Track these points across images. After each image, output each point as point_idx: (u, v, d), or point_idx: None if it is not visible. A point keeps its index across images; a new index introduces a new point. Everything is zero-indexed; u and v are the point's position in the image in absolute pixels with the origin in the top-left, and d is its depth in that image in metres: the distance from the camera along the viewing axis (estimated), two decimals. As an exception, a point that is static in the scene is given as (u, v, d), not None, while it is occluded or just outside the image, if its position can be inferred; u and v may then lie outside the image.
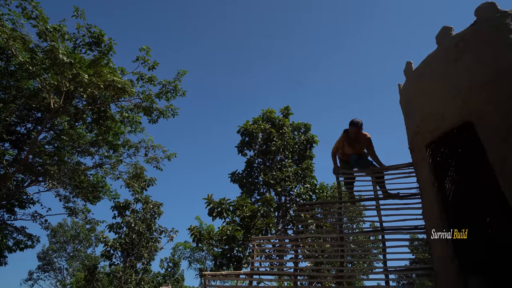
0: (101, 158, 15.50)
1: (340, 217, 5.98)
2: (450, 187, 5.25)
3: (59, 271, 33.13)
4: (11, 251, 14.80)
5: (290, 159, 17.17)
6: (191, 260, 31.17)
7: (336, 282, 5.61)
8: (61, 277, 32.94)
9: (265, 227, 13.39)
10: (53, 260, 32.90)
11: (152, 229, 21.41)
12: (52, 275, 32.72)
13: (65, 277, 32.62)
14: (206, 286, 6.40)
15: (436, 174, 4.35)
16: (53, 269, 32.76)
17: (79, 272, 29.30)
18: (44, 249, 32.63)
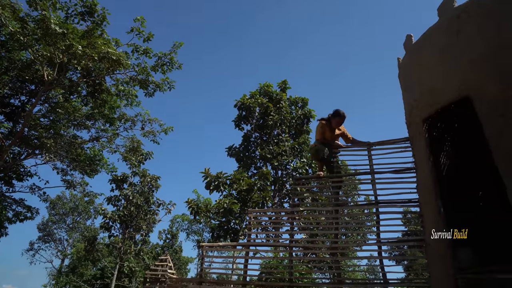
0: (97, 132, 15.46)
1: (336, 190, 6.06)
2: (445, 162, 5.31)
3: (59, 242, 33.81)
4: (11, 222, 15.04)
5: (287, 133, 17.19)
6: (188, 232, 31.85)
7: (330, 253, 5.76)
8: (62, 247, 33.67)
9: (261, 201, 13.60)
10: (53, 232, 33.50)
11: (150, 202, 21.72)
12: (53, 245, 33.42)
13: (66, 248, 33.36)
14: (203, 257, 6.57)
15: (431, 149, 4.38)
16: (53, 240, 33.42)
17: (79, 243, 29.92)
18: (44, 220, 33.14)
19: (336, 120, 6.30)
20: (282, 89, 18.21)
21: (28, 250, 32.27)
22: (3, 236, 15.14)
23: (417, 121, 4.64)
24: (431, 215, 4.23)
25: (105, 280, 24.12)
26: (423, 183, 4.51)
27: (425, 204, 4.53)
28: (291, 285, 5.69)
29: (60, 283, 24.99)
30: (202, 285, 6.18)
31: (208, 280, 6.42)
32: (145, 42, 12.68)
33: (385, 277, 5.25)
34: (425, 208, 4.52)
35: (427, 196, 4.34)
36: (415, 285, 5.23)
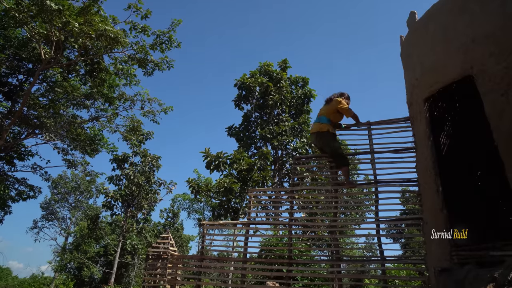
0: (97, 111, 15.38)
1: (335, 170, 6.09)
2: (445, 141, 5.32)
3: (62, 220, 34.38)
4: (14, 201, 15.23)
5: (287, 113, 17.12)
6: (189, 211, 32.31)
7: (329, 231, 5.86)
8: (65, 225, 34.27)
9: (261, 180, 13.71)
10: (56, 210, 34.00)
11: (151, 181, 21.92)
12: (56, 223, 34.01)
13: (69, 226, 33.95)
14: (204, 235, 6.70)
15: (432, 129, 4.37)
16: (56, 218, 33.97)
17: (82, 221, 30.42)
18: (47, 199, 33.57)
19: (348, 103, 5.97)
20: (283, 68, 18.00)
21: (32, 228, 32.89)
22: (7, 214, 15.40)
23: (418, 100, 4.61)
24: (429, 194, 4.27)
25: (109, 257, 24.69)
26: (422, 162, 4.54)
27: (423, 184, 4.57)
28: (291, 262, 5.83)
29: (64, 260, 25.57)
30: (203, 261, 6.34)
31: (209, 257, 6.58)
32: (143, 20, 12.41)
33: (382, 254, 5.37)
34: (424, 187, 4.56)
35: (426, 175, 4.37)
36: (412, 262, 5.35)
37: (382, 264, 5.33)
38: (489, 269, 3.01)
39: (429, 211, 4.35)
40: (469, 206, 4.91)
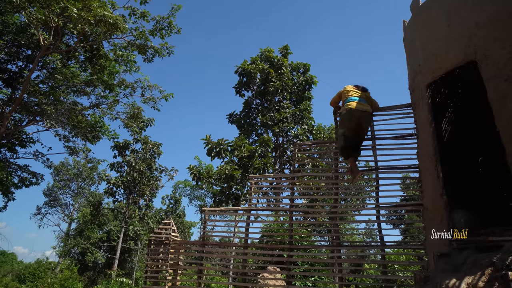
0: (97, 98, 15.32)
1: (336, 157, 6.10)
2: (447, 128, 5.30)
3: (65, 206, 34.71)
4: (17, 187, 15.35)
5: (288, 100, 17.04)
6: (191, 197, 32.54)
7: (330, 217, 5.91)
8: (68, 212, 34.62)
9: (262, 167, 13.75)
10: (58, 197, 34.29)
11: (152, 168, 22.02)
12: (59, 210, 34.35)
13: (72, 212, 34.30)
14: (206, 221, 6.76)
15: (433, 115, 4.36)
16: (59, 204, 34.29)
17: (84, 208, 30.71)
18: (49, 186, 33.81)
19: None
20: (284, 54, 17.82)
21: (35, 214, 33.25)
22: (10, 200, 15.54)
23: (421, 86, 4.58)
24: (430, 180, 4.29)
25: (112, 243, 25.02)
26: (424, 149, 4.53)
27: (424, 170, 4.58)
28: (291, 247, 5.90)
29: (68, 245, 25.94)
30: (205, 247, 6.42)
31: (210, 242, 6.66)
32: (142, 5, 12.24)
33: (382, 240, 5.43)
34: (424, 174, 4.58)
35: (427, 162, 4.37)
36: (411, 247, 5.42)
37: (381, 249, 5.39)
38: (488, 254, 3.05)
39: (429, 197, 4.37)
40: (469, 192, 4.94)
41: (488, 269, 2.81)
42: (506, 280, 2.52)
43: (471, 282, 2.81)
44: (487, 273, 2.77)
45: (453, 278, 2.96)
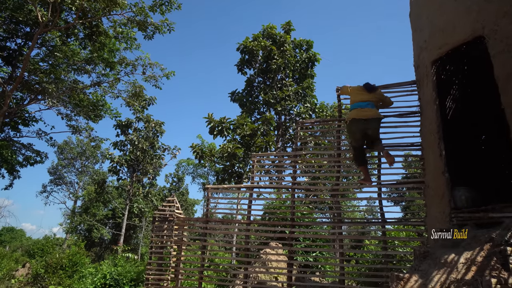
0: (98, 77, 15.20)
1: (339, 135, 6.10)
2: (451, 105, 5.25)
3: (70, 184, 35.20)
4: (22, 166, 15.54)
5: (291, 78, 16.84)
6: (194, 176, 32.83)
7: (331, 194, 5.97)
8: (73, 190, 35.13)
9: (264, 145, 13.77)
10: (63, 175, 34.72)
11: (155, 146, 22.12)
12: (64, 188, 34.87)
13: (77, 190, 34.81)
14: (209, 198, 6.86)
15: (438, 92, 4.30)
16: (64, 183, 34.77)
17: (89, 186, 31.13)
18: (54, 164, 34.17)
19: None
20: (286, 31, 17.46)
21: (41, 192, 33.80)
22: (16, 178, 15.78)
23: (426, 63, 4.50)
24: (432, 158, 4.29)
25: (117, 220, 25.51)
26: (427, 126, 4.51)
27: (427, 148, 4.58)
28: (293, 224, 6.00)
29: (75, 222, 26.47)
30: (208, 223, 6.54)
31: (213, 219, 6.78)
32: (141, -20, 11.93)
33: (383, 217, 5.50)
34: (427, 152, 4.57)
35: (430, 139, 4.36)
36: (412, 224, 5.49)
37: (382, 226, 5.47)
38: (488, 230, 3.09)
39: (431, 174, 4.38)
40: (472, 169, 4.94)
41: (487, 245, 2.85)
42: (504, 255, 2.56)
43: (469, 257, 2.86)
44: (485, 249, 2.81)
45: (452, 253, 3.02)
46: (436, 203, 4.08)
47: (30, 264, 15.62)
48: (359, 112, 4.81)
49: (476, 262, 2.76)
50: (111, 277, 12.12)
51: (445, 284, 2.74)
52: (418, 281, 2.96)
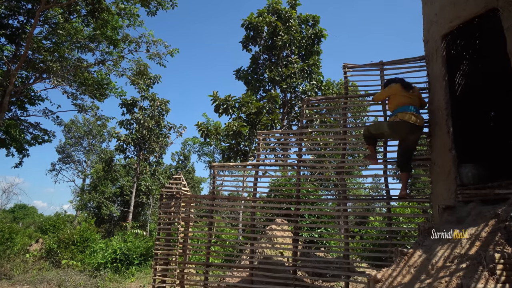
0: (102, 55, 15.06)
1: (345, 112, 6.05)
2: (460, 81, 5.15)
3: (78, 163, 35.76)
4: (30, 144, 15.75)
5: (297, 54, 16.55)
6: (200, 154, 33.09)
7: (337, 172, 5.99)
8: (81, 168, 35.71)
9: (270, 123, 13.74)
10: (71, 154, 35.22)
11: (161, 125, 22.18)
12: (73, 166, 35.45)
13: (85, 168, 35.37)
14: (215, 176, 6.93)
15: (448, 67, 4.21)
16: (72, 161, 35.32)
17: (97, 164, 31.58)
18: (61, 143, 34.61)
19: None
20: (292, 6, 17.00)
21: (50, 171, 34.44)
22: (25, 157, 16.02)
23: (436, 37, 4.38)
24: (439, 135, 4.25)
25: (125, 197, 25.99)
26: (435, 103, 4.44)
27: (434, 125, 4.53)
28: (298, 201, 6.06)
29: (84, 199, 27.05)
30: (215, 201, 6.64)
31: (220, 196, 6.88)
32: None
33: (388, 194, 5.53)
34: (434, 129, 4.53)
35: (438, 116, 4.31)
36: (417, 200, 5.51)
37: (387, 202, 5.51)
38: (493, 206, 3.09)
39: (438, 151, 4.36)
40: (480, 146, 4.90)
41: (492, 221, 2.87)
42: (509, 231, 2.58)
43: (474, 232, 2.88)
44: (490, 224, 2.83)
45: (456, 228, 3.04)
46: (442, 180, 4.08)
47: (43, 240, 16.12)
48: (412, 117, 4.36)
49: (480, 237, 2.79)
50: (121, 252, 12.50)
51: (448, 259, 2.78)
52: (422, 256, 3.01)
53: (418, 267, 2.89)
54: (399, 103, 4.59)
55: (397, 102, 4.64)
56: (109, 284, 10.21)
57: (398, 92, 4.64)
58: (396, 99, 4.67)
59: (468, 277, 2.42)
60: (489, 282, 2.33)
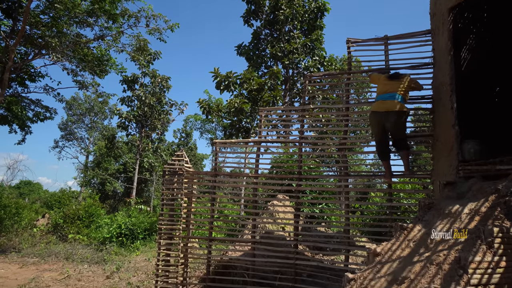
0: (101, 30, 14.76)
1: (348, 88, 5.98)
2: (466, 56, 5.05)
3: (81, 140, 35.93)
4: (32, 121, 15.78)
5: (299, 29, 16.18)
6: (202, 131, 33.08)
7: (338, 149, 6.00)
8: (84, 145, 35.91)
9: (272, 100, 13.63)
10: (73, 131, 35.32)
11: (162, 102, 22.07)
12: (76, 143, 35.64)
13: (88, 145, 35.57)
14: (217, 152, 6.95)
15: (454, 42, 4.11)
16: (75, 138, 35.47)
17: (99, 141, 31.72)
18: (63, 120, 34.64)
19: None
20: (295, -23, 16.45)
21: (54, 148, 34.68)
22: (28, 134, 16.10)
23: (443, 10, 4.26)
24: (442, 110, 4.21)
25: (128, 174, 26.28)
26: (439, 78, 4.38)
27: (438, 100, 4.48)
28: (300, 177, 6.11)
29: (88, 176, 27.37)
30: (217, 177, 6.70)
31: (222, 173, 6.93)
32: None
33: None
34: (438, 104, 4.49)
35: (442, 92, 4.25)
36: (418, 177, 5.54)
37: (388, 178, 5.54)
38: (494, 181, 3.11)
39: (440, 127, 4.34)
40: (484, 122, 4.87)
41: (492, 196, 2.89)
42: (509, 205, 2.60)
43: (473, 207, 2.91)
44: (490, 200, 2.85)
45: (457, 204, 3.08)
46: (444, 156, 4.08)
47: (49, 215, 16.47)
48: (379, 105, 4.53)
49: (480, 212, 2.82)
50: (126, 227, 12.78)
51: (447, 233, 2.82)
52: (421, 231, 3.06)
53: (417, 241, 2.95)
54: (378, 93, 4.73)
55: (378, 91, 4.76)
56: (115, 257, 10.50)
57: (383, 81, 4.73)
58: (378, 88, 4.79)
59: (466, 250, 2.46)
60: (486, 255, 2.38)
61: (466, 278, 2.27)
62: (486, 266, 2.32)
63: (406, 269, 2.63)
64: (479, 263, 2.32)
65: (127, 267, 9.24)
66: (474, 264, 2.31)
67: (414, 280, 2.49)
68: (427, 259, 2.62)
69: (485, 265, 2.33)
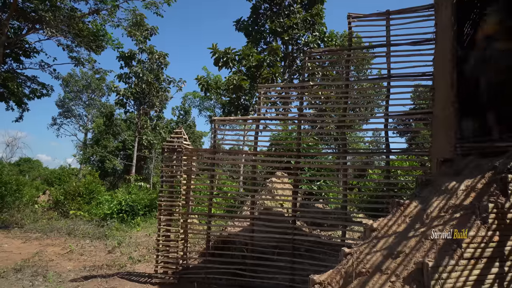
0: (96, 3, 14.38)
1: (348, 65, 5.90)
2: (469, 32, 4.95)
3: (79, 117, 35.77)
4: (29, 98, 15.64)
5: (299, 4, 15.76)
6: (200, 108, 32.93)
7: (337, 126, 5.99)
8: (83, 122, 35.79)
9: (271, 77, 13.48)
10: (71, 108, 35.11)
11: (160, 79, 21.82)
12: (74, 120, 35.52)
13: (86, 123, 35.45)
14: (216, 130, 6.94)
15: (457, 16, 4.02)
16: (73, 115, 35.31)
17: (98, 119, 31.58)
18: (61, 97, 34.36)
19: None
20: None
21: (52, 125, 34.58)
22: (25, 111, 16.00)
23: (447, -17, 4.13)
24: (443, 87, 4.18)
25: (127, 151, 26.33)
26: (441, 54, 4.31)
27: (438, 77, 4.44)
28: (299, 154, 6.13)
29: (87, 153, 27.43)
30: (216, 154, 6.73)
31: (221, 150, 6.95)
32: None
33: (388, 147, 5.57)
34: (438, 81, 4.44)
35: (443, 68, 4.20)
36: (416, 154, 5.57)
37: (386, 156, 5.57)
38: (491, 158, 3.13)
39: (440, 104, 4.31)
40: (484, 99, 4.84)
41: (489, 173, 2.91)
42: (505, 182, 2.63)
43: (470, 184, 2.94)
44: (487, 176, 2.88)
45: (453, 180, 3.10)
46: (443, 133, 4.08)
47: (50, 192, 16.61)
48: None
49: (476, 188, 2.85)
50: (126, 204, 12.94)
51: (443, 209, 2.87)
52: (417, 207, 3.10)
53: (413, 217, 3.00)
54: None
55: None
56: (116, 233, 10.69)
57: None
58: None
59: (461, 225, 2.51)
60: (480, 230, 2.42)
61: (460, 252, 2.32)
62: (480, 240, 2.38)
63: (402, 243, 2.68)
64: (473, 237, 2.37)
65: (128, 242, 9.42)
66: (468, 239, 2.36)
67: (409, 254, 2.55)
68: (422, 234, 2.67)
69: (479, 240, 2.38)
